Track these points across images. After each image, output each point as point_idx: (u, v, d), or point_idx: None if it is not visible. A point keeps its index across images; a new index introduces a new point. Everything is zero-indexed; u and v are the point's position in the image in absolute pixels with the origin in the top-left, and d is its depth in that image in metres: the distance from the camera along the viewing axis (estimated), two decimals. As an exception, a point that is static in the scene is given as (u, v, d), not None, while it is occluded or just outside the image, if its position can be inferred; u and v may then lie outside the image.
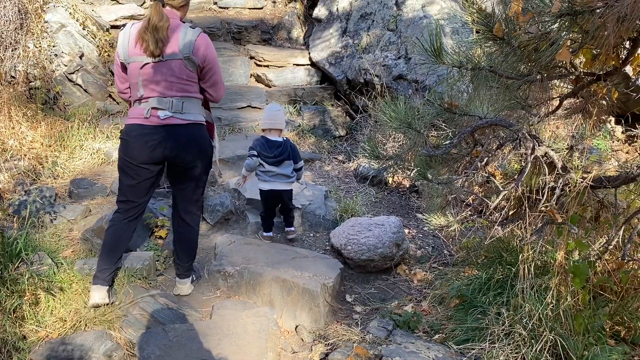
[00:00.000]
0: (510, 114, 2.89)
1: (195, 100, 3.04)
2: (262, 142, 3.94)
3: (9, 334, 2.73)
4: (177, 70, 2.93)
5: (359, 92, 6.86)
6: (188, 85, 2.98)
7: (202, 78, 3.04)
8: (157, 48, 2.85)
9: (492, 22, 2.42)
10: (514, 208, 3.12)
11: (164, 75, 2.92)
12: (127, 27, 2.99)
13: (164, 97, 2.94)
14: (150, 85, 2.94)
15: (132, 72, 2.97)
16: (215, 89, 3.12)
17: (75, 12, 6.77)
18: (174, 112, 2.94)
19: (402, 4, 6.89)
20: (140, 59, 2.91)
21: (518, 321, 2.62)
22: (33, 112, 5.67)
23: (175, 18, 2.97)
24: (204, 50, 2.95)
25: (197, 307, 3.32)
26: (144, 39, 2.85)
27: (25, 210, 4.03)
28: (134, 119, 3.01)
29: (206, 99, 3.17)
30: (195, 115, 3.02)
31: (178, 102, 2.95)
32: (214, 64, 3.03)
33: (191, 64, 2.93)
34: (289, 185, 4.07)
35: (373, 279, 3.89)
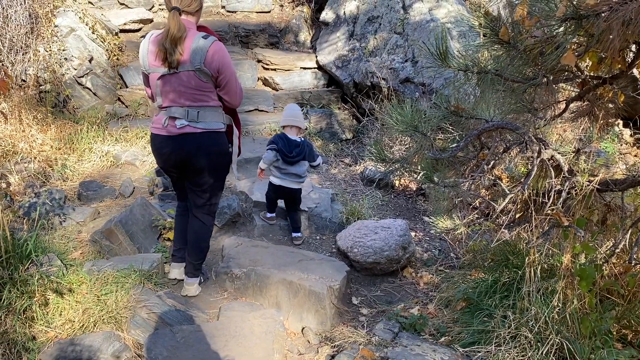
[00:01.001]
0: (516, 117, 2.90)
1: (211, 109, 3.08)
2: (284, 139, 4.05)
3: (19, 334, 2.76)
4: (191, 81, 2.96)
5: (366, 95, 6.88)
6: (203, 95, 3.02)
7: (218, 86, 3.06)
8: (173, 60, 2.89)
9: (498, 25, 2.43)
10: (521, 211, 3.12)
11: (179, 86, 2.97)
12: (146, 38, 3.03)
13: (180, 107, 3.01)
14: (168, 95, 3.01)
15: (152, 82, 3.05)
16: (231, 96, 3.13)
17: (85, 17, 6.84)
18: (189, 121, 3.01)
19: (409, 7, 6.91)
20: (158, 70, 2.97)
21: (524, 324, 2.62)
22: (43, 115, 5.74)
23: (192, 27, 2.99)
24: (216, 60, 2.94)
25: (204, 309, 3.34)
26: (161, 50, 2.90)
27: (35, 212, 4.07)
28: (154, 127, 3.13)
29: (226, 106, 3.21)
30: (210, 124, 3.07)
31: (193, 112, 3.01)
32: (228, 72, 3.02)
33: (203, 74, 2.95)
34: (300, 185, 4.20)
35: (379, 281, 3.90)
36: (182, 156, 3.06)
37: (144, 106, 6.84)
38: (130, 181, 4.95)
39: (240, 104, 3.26)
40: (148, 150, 5.76)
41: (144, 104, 6.84)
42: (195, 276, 3.44)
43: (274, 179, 4.17)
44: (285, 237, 4.34)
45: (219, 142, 3.14)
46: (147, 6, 8.56)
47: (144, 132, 6.04)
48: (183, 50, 2.89)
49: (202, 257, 3.44)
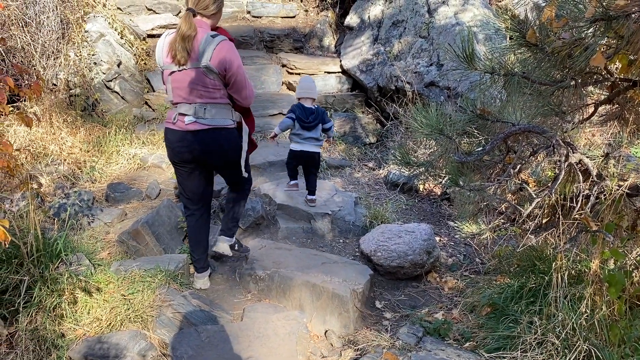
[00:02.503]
0: (543, 121, 2.86)
1: (219, 106, 3.15)
2: (300, 108, 4.45)
3: (49, 331, 2.82)
4: (198, 78, 3.04)
5: (390, 99, 6.87)
6: (210, 92, 3.09)
7: (227, 84, 3.13)
8: (182, 57, 2.98)
9: (525, 28, 2.41)
10: (547, 216, 3.08)
11: (187, 83, 3.06)
12: (162, 37, 3.14)
13: (188, 103, 3.10)
14: (177, 91, 3.11)
15: (165, 79, 3.16)
16: (240, 94, 3.19)
17: (114, 22, 6.98)
18: (197, 117, 3.10)
19: (434, 11, 6.88)
20: (170, 67, 3.07)
21: (551, 330, 2.58)
22: (73, 118, 5.87)
23: (205, 27, 3.06)
24: (222, 58, 3.00)
25: (228, 310, 3.37)
26: (172, 48, 3.00)
27: (65, 212, 4.17)
28: (166, 123, 3.27)
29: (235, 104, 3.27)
30: (217, 120, 3.15)
31: (200, 108, 3.09)
32: (235, 71, 3.07)
33: (211, 72, 3.02)
34: (318, 148, 4.59)
35: (403, 285, 3.88)
36: (190, 151, 3.17)
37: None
38: (156, 183, 5.03)
39: (250, 103, 3.32)
40: (174, 153, 5.84)
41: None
42: (228, 235, 3.61)
43: (295, 145, 4.53)
44: (309, 240, 4.36)
45: (229, 137, 3.22)
46: (174, 11, 8.69)
47: (170, 136, 6.11)
48: (191, 48, 2.97)
49: (237, 219, 3.65)
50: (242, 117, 3.37)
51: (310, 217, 4.51)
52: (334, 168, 6.12)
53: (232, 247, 3.65)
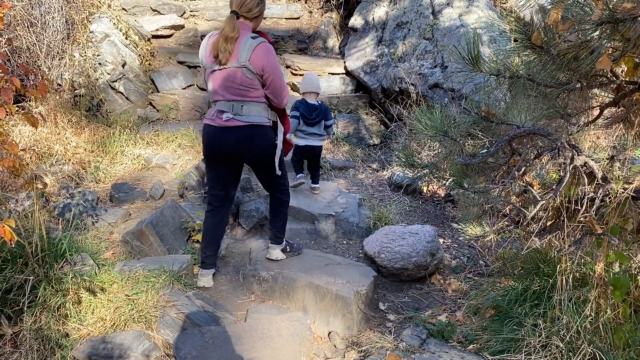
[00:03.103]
0: (548, 123, 2.86)
1: (255, 104, 3.27)
2: (304, 104, 4.70)
3: (53, 331, 2.83)
4: (237, 77, 3.18)
5: (394, 101, 6.87)
6: (247, 91, 3.22)
7: (264, 85, 3.25)
8: (224, 57, 3.14)
9: (530, 30, 2.41)
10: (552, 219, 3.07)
11: (227, 81, 3.21)
12: (206, 37, 3.31)
13: (227, 101, 3.24)
14: (217, 89, 3.26)
15: (207, 78, 3.33)
16: (276, 95, 3.31)
17: (118, 23, 7.00)
18: (234, 114, 3.22)
19: (438, 13, 6.88)
20: (211, 66, 3.24)
21: (555, 333, 2.57)
22: (77, 118, 5.89)
23: (247, 29, 3.22)
24: (260, 60, 3.14)
25: (232, 310, 3.37)
26: (215, 48, 3.16)
27: (69, 212, 4.18)
28: (206, 119, 3.38)
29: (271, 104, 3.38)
30: (253, 117, 3.26)
31: (238, 106, 3.23)
32: (273, 72, 3.20)
33: (249, 72, 3.15)
34: (321, 142, 4.88)
35: (407, 287, 3.87)
36: (226, 147, 3.29)
37: (175, 110, 6.96)
38: (160, 184, 5.03)
39: (285, 104, 3.43)
40: (178, 154, 5.86)
41: (174, 109, 6.96)
42: (278, 243, 3.75)
43: (299, 141, 4.77)
44: (312, 242, 4.36)
45: (264, 134, 3.32)
46: (178, 12, 8.71)
47: (174, 136, 6.14)
48: (233, 48, 3.13)
49: (283, 227, 3.73)
50: (278, 117, 3.47)
51: (314, 218, 4.52)
52: (337, 169, 6.13)
53: (284, 251, 3.80)
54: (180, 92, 7.27)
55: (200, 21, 8.95)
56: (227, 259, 3.94)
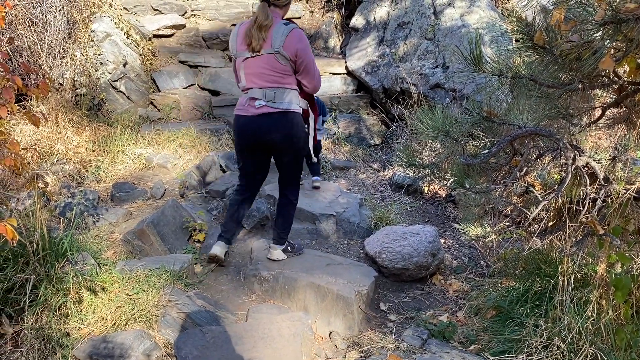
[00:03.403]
0: (550, 124, 2.85)
1: (287, 91, 3.32)
2: None
3: (54, 330, 2.83)
4: (271, 64, 3.24)
5: (395, 101, 6.86)
6: (280, 77, 3.28)
7: (297, 71, 3.32)
8: (258, 44, 3.20)
9: (532, 30, 2.40)
10: (553, 219, 3.06)
11: (260, 69, 3.26)
12: (237, 26, 3.37)
13: (259, 88, 3.29)
14: (250, 77, 3.31)
15: (238, 66, 3.36)
16: (309, 80, 3.37)
17: (120, 22, 7.00)
18: (267, 101, 3.27)
19: (440, 13, 6.88)
20: (243, 54, 3.29)
21: (557, 334, 2.57)
22: (78, 117, 5.89)
23: (277, 17, 3.29)
24: (293, 45, 3.20)
25: (232, 310, 3.37)
26: (248, 36, 3.22)
27: (71, 212, 4.18)
28: (237, 109, 3.43)
29: (303, 90, 3.44)
30: (286, 104, 3.31)
31: (271, 92, 3.28)
32: (305, 57, 3.27)
33: (282, 58, 3.21)
34: (320, 136, 4.96)
35: (408, 288, 3.87)
36: (259, 134, 3.34)
37: (176, 110, 6.96)
38: (161, 183, 5.03)
39: (318, 89, 3.50)
40: (179, 154, 5.86)
41: (175, 108, 6.96)
42: (280, 243, 3.74)
43: None
44: (313, 242, 4.36)
45: (296, 121, 3.37)
46: (179, 12, 8.71)
47: (175, 136, 6.14)
48: (267, 36, 3.19)
49: (287, 228, 3.72)
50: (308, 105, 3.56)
51: (315, 218, 4.51)
52: (338, 169, 6.12)
53: (285, 251, 3.79)
54: (181, 91, 7.27)
55: (202, 21, 8.95)
56: (228, 258, 3.94)
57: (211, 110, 7.14)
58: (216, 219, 4.51)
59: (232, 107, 7.09)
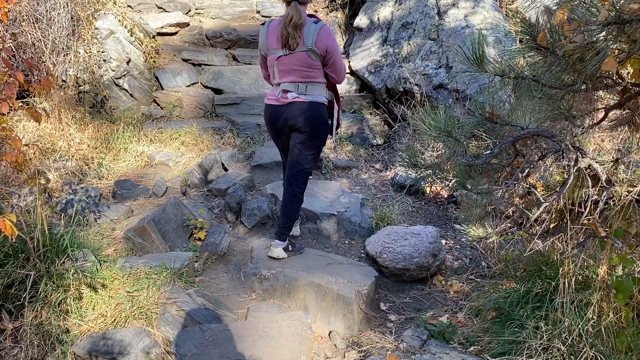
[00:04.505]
0: (553, 125, 2.84)
1: (317, 84, 3.58)
2: None
3: (54, 327, 2.83)
4: (303, 60, 3.48)
5: (398, 101, 6.85)
6: (312, 72, 3.53)
7: (325, 64, 3.56)
8: (294, 42, 3.42)
9: (536, 31, 2.39)
10: (555, 221, 3.06)
11: (293, 65, 3.51)
12: (265, 25, 3.59)
13: (292, 82, 3.54)
14: (283, 73, 3.56)
15: (270, 63, 3.60)
16: (337, 73, 3.63)
17: (124, 20, 7.00)
18: (299, 93, 3.53)
19: (444, 13, 6.86)
20: (276, 52, 3.51)
21: (557, 336, 2.56)
22: (81, 114, 5.89)
23: (305, 14, 3.48)
24: (324, 42, 3.44)
25: (232, 309, 3.37)
26: (284, 35, 3.42)
27: (72, 208, 4.18)
28: (268, 99, 3.69)
29: (330, 82, 3.70)
30: (315, 96, 3.56)
31: (303, 86, 3.54)
32: (334, 52, 3.52)
33: (314, 54, 3.46)
34: None
35: (408, 288, 3.86)
36: (289, 120, 3.57)
37: (179, 108, 6.96)
38: (163, 181, 5.03)
39: (342, 80, 3.74)
40: (181, 152, 5.86)
41: (178, 106, 6.96)
42: (282, 239, 3.76)
43: None
44: (314, 241, 4.35)
45: (322, 111, 3.62)
46: (183, 10, 8.72)
47: (177, 134, 6.14)
48: (301, 34, 3.40)
49: (289, 222, 3.77)
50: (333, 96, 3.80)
51: (316, 217, 4.51)
52: (340, 169, 6.11)
53: (286, 250, 3.80)
54: (184, 89, 7.27)
55: (206, 19, 8.95)
56: (229, 257, 3.94)
57: (214, 108, 7.14)
58: (217, 217, 4.51)
59: (235, 106, 7.12)
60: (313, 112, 3.55)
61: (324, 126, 3.65)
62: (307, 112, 3.53)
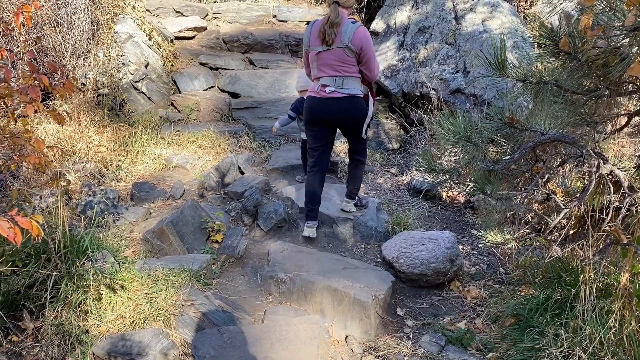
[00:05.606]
0: (573, 131, 2.82)
1: (353, 78, 3.91)
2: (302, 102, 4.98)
3: (74, 327, 2.86)
4: (340, 56, 3.82)
5: (415, 106, 6.83)
6: (348, 67, 3.86)
7: (360, 62, 3.87)
8: (330, 38, 3.77)
9: (557, 36, 2.37)
10: (575, 227, 3.02)
11: (331, 60, 3.85)
12: (310, 24, 3.96)
13: (329, 77, 3.88)
14: (322, 67, 3.91)
15: (311, 58, 3.97)
16: (370, 70, 3.94)
17: (142, 24, 7.08)
18: (336, 87, 3.87)
19: (461, 18, 6.84)
20: (316, 47, 3.88)
21: (577, 344, 2.53)
22: (100, 117, 5.96)
23: (345, 15, 3.83)
24: (359, 41, 3.77)
25: (249, 311, 3.38)
26: (322, 32, 3.79)
27: (91, 210, 4.23)
28: (310, 92, 4.06)
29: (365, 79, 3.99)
30: (351, 90, 3.90)
31: (339, 80, 3.87)
32: (368, 51, 3.83)
33: (350, 51, 3.78)
34: None
35: (425, 293, 3.84)
36: (329, 114, 3.95)
37: (196, 111, 7.01)
38: (180, 183, 5.07)
39: (376, 78, 4.06)
40: (198, 155, 5.90)
41: (195, 110, 7.01)
42: (352, 198, 4.59)
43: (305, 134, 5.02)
44: (330, 245, 4.35)
45: (359, 104, 3.98)
46: (201, 15, 8.79)
47: (195, 137, 6.18)
48: (338, 32, 3.76)
49: (358, 185, 4.53)
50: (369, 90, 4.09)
51: (332, 221, 4.51)
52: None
53: (356, 205, 4.62)
54: (201, 93, 7.33)
55: (223, 23, 9.02)
56: (245, 259, 3.95)
57: (230, 112, 7.18)
58: (234, 220, 4.53)
59: (251, 110, 7.16)
60: (350, 105, 3.90)
61: (363, 115, 4.00)
62: (345, 108, 3.90)
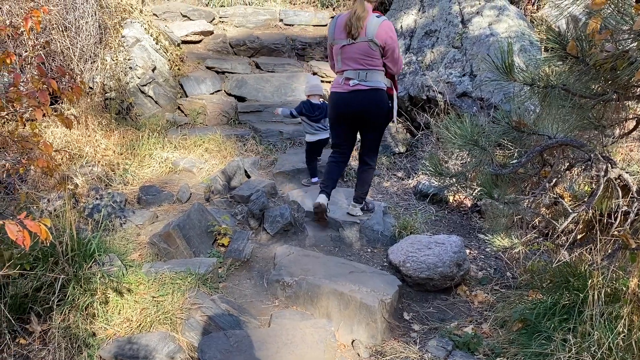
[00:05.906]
0: (581, 135, 2.80)
1: (377, 72, 4.00)
2: (308, 105, 5.35)
3: (81, 330, 2.87)
4: (364, 50, 3.92)
5: (421, 109, 6.82)
6: (372, 61, 3.94)
7: (384, 55, 3.97)
8: (356, 32, 3.86)
9: (565, 40, 2.37)
10: (583, 232, 3.00)
11: (355, 54, 3.95)
12: (335, 17, 4.06)
13: (353, 70, 3.98)
14: (346, 60, 4.01)
15: (335, 51, 4.07)
16: (394, 64, 4.04)
17: (150, 28, 7.11)
18: (360, 80, 3.96)
19: (468, 21, 6.83)
20: (341, 41, 3.98)
21: (586, 349, 2.51)
22: (107, 121, 5.99)
23: (370, 10, 3.93)
24: (384, 35, 3.87)
25: (255, 315, 3.38)
26: (348, 25, 3.88)
27: (98, 213, 4.24)
28: (334, 86, 4.15)
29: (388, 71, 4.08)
30: (375, 83, 3.99)
31: (363, 73, 3.96)
32: (393, 44, 3.93)
33: (374, 44, 3.88)
34: (327, 134, 5.37)
35: (432, 298, 3.83)
36: (353, 107, 4.03)
37: (202, 115, 7.04)
38: (187, 187, 5.09)
39: (399, 71, 4.18)
40: (205, 158, 5.92)
41: (202, 113, 7.03)
42: (359, 202, 4.58)
43: (310, 137, 5.41)
44: (337, 249, 4.35)
45: (382, 97, 4.05)
46: (208, 19, 8.83)
47: (201, 141, 6.20)
48: (363, 25, 3.86)
49: (366, 190, 4.54)
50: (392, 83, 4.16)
51: (339, 225, 4.51)
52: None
53: (362, 209, 4.61)
54: (208, 97, 7.35)
55: (229, 27, 9.06)
56: (252, 263, 3.95)
57: (237, 116, 7.20)
58: (240, 224, 4.54)
59: (258, 113, 7.17)
60: (374, 97, 3.97)
61: (386, 110, 4.07)
62: (369, 100, 3.97)
